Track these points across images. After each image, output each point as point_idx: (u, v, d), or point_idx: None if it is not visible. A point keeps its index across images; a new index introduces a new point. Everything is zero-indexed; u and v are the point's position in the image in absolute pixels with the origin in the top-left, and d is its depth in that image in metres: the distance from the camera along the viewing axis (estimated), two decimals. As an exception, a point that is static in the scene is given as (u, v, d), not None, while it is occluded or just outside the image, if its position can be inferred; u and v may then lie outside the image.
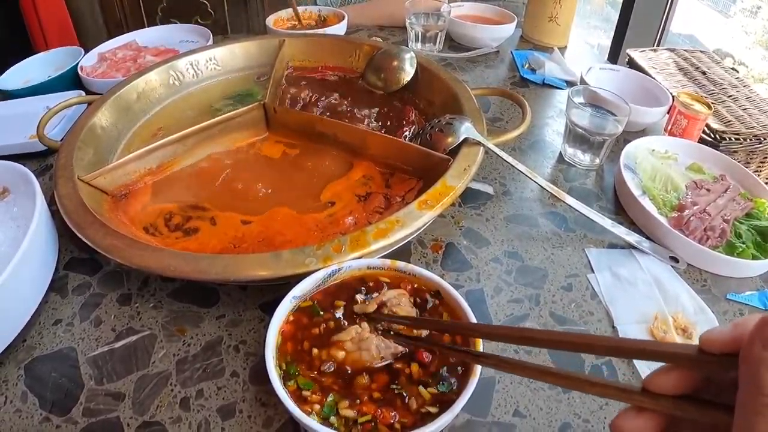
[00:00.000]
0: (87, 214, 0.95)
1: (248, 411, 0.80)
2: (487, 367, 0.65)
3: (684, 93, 1.40)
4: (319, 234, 1.03)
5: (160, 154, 1.17)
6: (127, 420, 0.78)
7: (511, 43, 1.96)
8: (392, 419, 0.69)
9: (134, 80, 1.36)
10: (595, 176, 1.30)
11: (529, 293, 1.00)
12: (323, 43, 1.56)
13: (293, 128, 1.29)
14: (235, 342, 0.89)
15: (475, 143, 1.12)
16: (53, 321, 0.92)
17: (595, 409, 0.82)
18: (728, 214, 1.13)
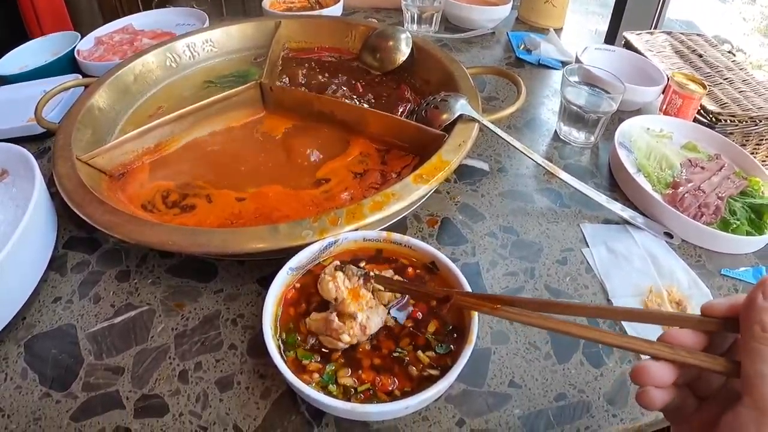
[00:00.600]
0: (86, 193, 0.96)
1: (246, 383, 0.80)
2: (503, 318, 0.66)
3: (679, 73, 1.40)
4: (315, 209, 1.04)
5: (157, 134, 1.17)
6: (127, 393, 0.79)
7: (507, 24, 1.96)
8: (391, 386, 0.70)
9: (132, 62, 1.37)
10: (590, 154, 1.31)
11: (524, 266, 1.00)
12: (319, 25, 1.57)
13: (290, 107, 1.30)
14: (233, 316, 0.89)
15: (470, 119, 1.12)
16: (53, 299, 0.93)
17: (590, 380, 0.83)
18: (723, 192, 1.14)
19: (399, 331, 0.77)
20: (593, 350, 0.87)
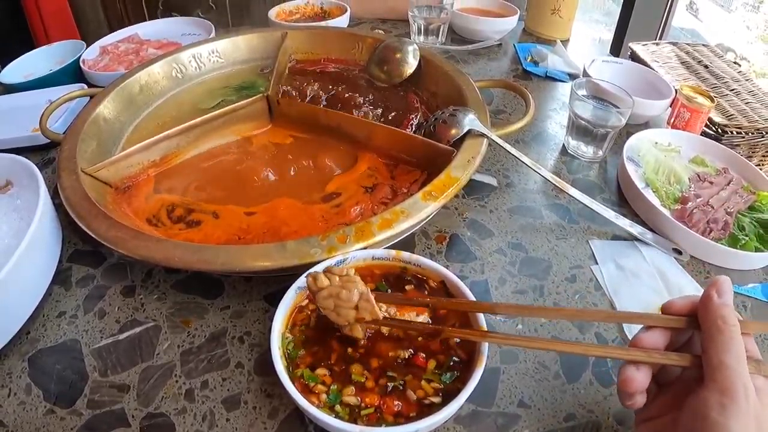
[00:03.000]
0: (91, 206, 0.95)
1: (253, 402, 0.80)
2: (492, 343, 0.70)
3: (686, 86, 1.40)
4: (325, 225, 1.03)
5: (163, 146, 1.17)
6: (132, 411, 0.78)
7: (514, 35, 1.96)
8: (397, 408, 0.70)
9: (137, 73, 1.36)
10: (598, 168, 1.30)
11: (533, 284, 1.00)
12: (326, 36, 1.56)
13: (297, 120, 1.29)
14: (240, 333, 0.89)
15: (478, 135, 1.12)
16: (57, 313, 0.93)
17: (600, 400, 0.82)
18: (731, 207, 1.14)
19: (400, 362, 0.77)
20: (602, 369, 0.86)
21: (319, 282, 0.74)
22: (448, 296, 0.82)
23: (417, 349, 0.77)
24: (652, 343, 0.66)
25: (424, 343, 0.77)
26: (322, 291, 0.74)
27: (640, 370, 0.65)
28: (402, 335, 0.78)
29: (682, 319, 0.66)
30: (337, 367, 0.75)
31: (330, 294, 0.74)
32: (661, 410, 0.67)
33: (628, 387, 0.64)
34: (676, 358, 0.64)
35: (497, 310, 0.75)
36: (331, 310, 0.74)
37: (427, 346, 0.77)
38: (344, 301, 0.73)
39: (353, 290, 0.74)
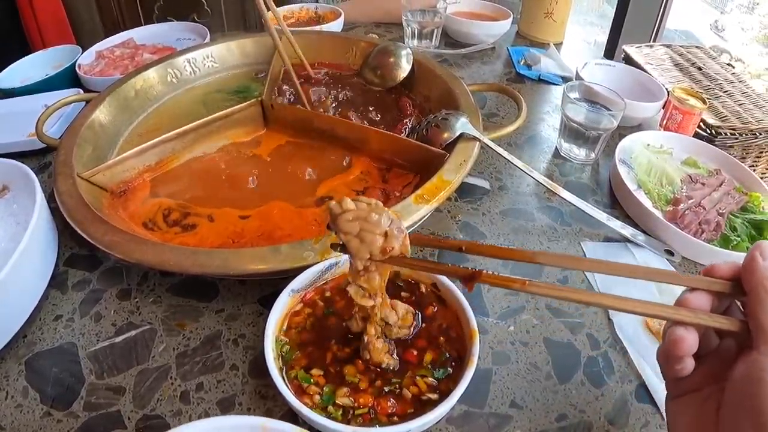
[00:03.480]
0: (87, 211, 0.96)
1: (248, 403, 0.80)
2: (531, 293, 0.62)
3: (679, 88, 1.41)
4: (318, 228, 1.04)
5: (158, 151, 1.18)
6: (128, 413, 0.79)
7: (507, 39, 1.97)
8: (391, 408, 0.70)
9: (132, 78, 1.37)
10: (591, 170, 1.31)
11: (525, 286, 1.00)
12: (320, 40, 1.57)
13: (291, 124, 1.30)
14: (235, 336, 0.90)
15: (471, 138, 1.13)
16: (54, 317, 0.93)
17: (591, 400, 0.83)
18: (723, 208, 1.14)
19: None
20: (594, 370, 0.87)
21: (345, 204, 0.69)
22: (439, 300, 0.83)
23: (409, 347, 0.78)
24: (698, 305, 0.60)
25: (416, 341, 0.78)
26: (346, 213, 0.68)
27: (689, 332, 0.59)
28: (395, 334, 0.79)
29: (726, 283, 0.61)
30: (332, 368, 0.75)
31: (357, 217, 0.68)
32: (698, 383, 0.63)
33: (680, 349, 0.58)
34: (724, 321, 0.59)
35: (537, 259, 0.66)
36: (354, 236, 0.68)
37: (418, 343, 0.78)
38: (373, 225, 0.67)
39: (383, 214, 0.68)
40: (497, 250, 0.69)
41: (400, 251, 0.68)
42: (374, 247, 0.67)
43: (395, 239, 0.68)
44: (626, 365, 0.88)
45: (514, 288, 0.62)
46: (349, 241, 0.68)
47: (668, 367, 0.62)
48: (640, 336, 0.93)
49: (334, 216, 0.68)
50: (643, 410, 0.82)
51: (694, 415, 0.62)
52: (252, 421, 0.59)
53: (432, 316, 0.81)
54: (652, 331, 0.93)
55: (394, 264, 0.71)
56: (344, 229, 0.68)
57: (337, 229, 0.69)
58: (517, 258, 0.68)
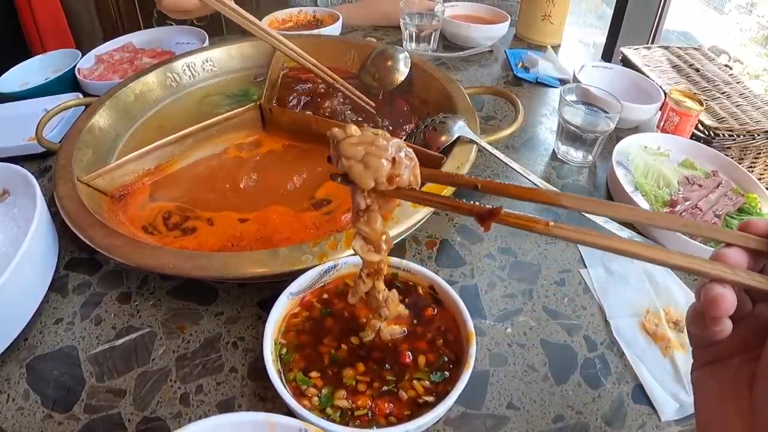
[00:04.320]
0: (87, 215, 0.96)
1: (247, 405, 0.81)
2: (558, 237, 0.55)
3: (676, 90, 1.41)
4: (316, 231, 1.04)
5: (158, 155, 1.19)
6: (128, 416, 0.80)
7: (505, 42, 1.97)
8: (388, 410, 0.71)
9: (131, 82, 1.38)
10: (588, 173, 1.32)
11: (522, 288, 1.01)
12: (318, 44, 1.57)
13: (289, 128, 1.31)
14: (234, 338, 0.90)
15: (468, 141, 1.13)
16: (54, 320, 0.94)
17: (588, 401, 0.84)
18: (720, 209, 1.15)
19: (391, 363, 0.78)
20: (591, 371, 0.88)
21: (349, 129, 0.64)
22: (436, 302, 0.84)
23: (406, 349, 0.78)
24: (735, 261, 0.52)
25: (413, 343, 0.79)
26: (350, 138, 0.63)
27: (728, 289, 0.51)
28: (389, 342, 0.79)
29: (763, 241, 0.54)
30: (330, 370, 0.76)
31: (361, 141, 0.63)
32: (728, 351, 0.57)
33: (719, 308, 0.51)
34: (762, 281, 0.51)
35: (561, 201, 0.57)
36: (358, 161, 0.62)
37: (416, 346, 0.79)
38: (379, 149, 0.62)
39: (392, 140, 0.63)
40: (517, 189, 0.61)
41: (408, 182, 0.64)
42: (380, 172, 0.62)
43: (404, 167, 0.63)
44: (623, 366, 0.89)
45: (537, 230, 0.55)
46: (351, 166, 0.62)
47: (703, 329, 0.54)
48: (636, 337, 0.93)
49: (337, 141, 0.64)
50: (639, 411, 0.83)
51: (723, 386, 0.57)
52: (257, 417, 0.60)
53: (430, 318, 0.82)
54: (649, 333, 0.94)
55: (400, 197, 0.66)
56: (347, 153, 0.62)
57: (339, 154, 0.63)
58: (541, 199, 0.60)
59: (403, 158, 0.63)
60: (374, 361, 0.77)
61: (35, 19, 2.65)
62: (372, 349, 0.78)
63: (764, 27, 5.12)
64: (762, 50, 5.00)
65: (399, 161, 0.62)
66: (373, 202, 0.67)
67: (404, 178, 0.63)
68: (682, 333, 0.94)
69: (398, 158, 0.62)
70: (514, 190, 0.61)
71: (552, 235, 0.54)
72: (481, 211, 0.59)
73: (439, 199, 0.63)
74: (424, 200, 0.64)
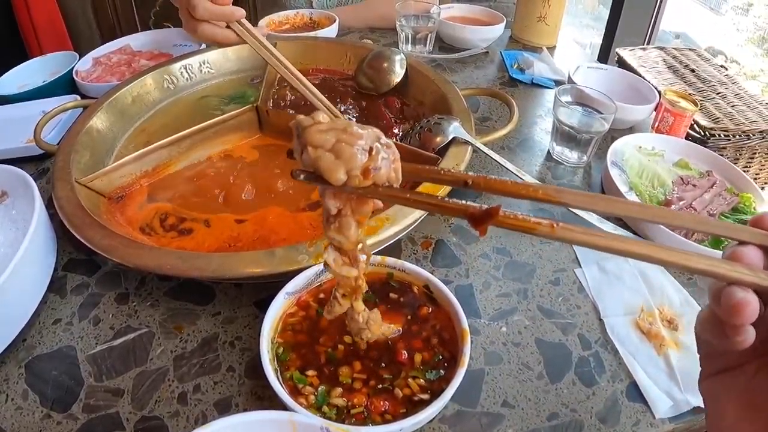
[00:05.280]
0: (85, 216, 0.97)
1: (244, 404, 0.82)
2: (563, 240, 0.48)
3: (670, 90, 1.41)
4: (313, 232, 1.05)
5: (155, 157, 1.19)
6: (127, 415, 0.80)
7: (501, 43, 1.97)
8: (384, 407, 0.72)
9: (129, 84, 1.38)
10: (583, 173, 1.32)
11: (517, 288, 1.02)
12: (315, 46, 1.57)
13: (286, 130, 1.28)
14: (231, 338, 0.91)
15: (463, 142, 1.14)
16: (53, 320, 0.94)
17: (582, 399, 0.84)
18: (714, 209, 1.15)
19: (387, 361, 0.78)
20: (585, 369, 0.88)
21: (317, 116, 0.56)
22: (431, 301, 0.85)
23: (401, 348, 0.79)
24: (753, 260, 0.48)
25: (408, 342, 0.80)
26: (318, 124, 0.55)
27: (750, 294, 0.45)
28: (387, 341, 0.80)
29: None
30: (326, 368, 0.77)
31: (332, 128, 0.55)
32: (740, 358, 0.52)
33: (743, 315, 0.45)
34: None
35: (562, 198, 0.50)
36: (328, 149, 0.54)
37: (411, 345, 0.79)
38: (353, 136, 0.54)
39: (368, 129, 0.56)
40: (514, 186, 0.52)
41: (387, 179, 0.55)
42: (353, 163, 0.53)
43: (381, 158, 0.54)
44: (617, 365, 0.89)
45: (540, 233, 0.47)
46: (319, 157, 0.53)
47: (721, 338, 0.48)
48: (630, 336, 0.94)
49: (302, 129, 0.55)
50: (633, 409, 0.83)
51: (738, 396, 0.52)
52: (280, 417, 0.60)
53: (425, 317, 0.83)
54: (643, 331, 0.94)
55: (378, 196, 0.57)
56: (315, 141, 0.54)
57: (305, 143, 0.54)
58: (539, 198, 0.52)
59: (381, 149, 0.55)
60: (370, 359, 0.78)
61: (33, 21, 2.65)
62: (368, 347, 0.79)
63: (760, 27, 5.13)
64: (758, 50, 5.01)
65: (376, 152, 0.54)
66: (345, 206, 0.59)
67: (382, 173, 0.54)
68: (676, 331, 0.95)
69: (375, 148, 0.54)
70: (511, 187, 0.53)
71: (558, 239, 0.48)
72: (475, 212, 0.50)
73: (424, 199, 0.54)
74: (407, 200, 0.56)
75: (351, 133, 0.54)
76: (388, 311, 0.83)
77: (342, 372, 0.76)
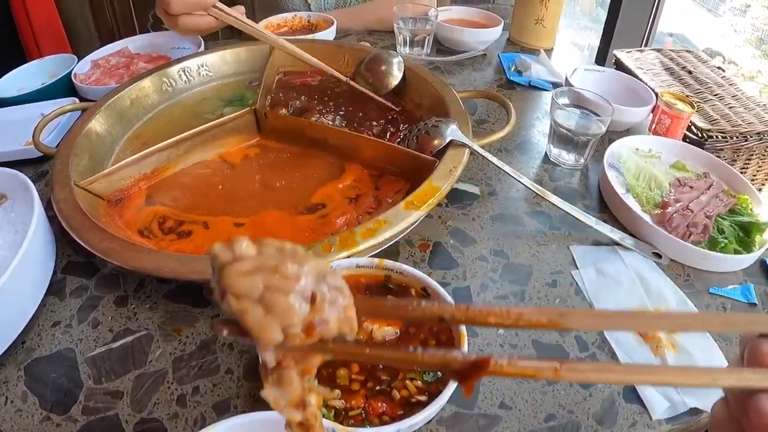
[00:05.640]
0: (84, 219, 0.97)
1: (242, 406, 0.82)
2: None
3: (667, 92, 1.41)
4: (311, 235, 1.05)
5: (154, 159, 1.19)
6: (126, 417, 0.80)
7: (498, 46, 1.97)
8: (381, 409, 0.72)
9: (127, 87, 1.38)
10: (580, 175, 1.32)
11: (514, 290, 1.02)
12: (313, 48, 1.55)
13: (284, 133, 1.31)
14: (229, 340, 0.91)
15: (460, 145, 1.14)
16: (52, 323, 0.94)
17: (579, 400, 0.84)
18: (711, 211, 1.15)
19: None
20: (582, 371, 0.88)
21: (238, 247, 0.42)
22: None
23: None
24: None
25: (406, 344, 0.79)
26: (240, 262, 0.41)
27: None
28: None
29: None
30: (323, 371, 0.76)
31: (259, 267, 0.41)
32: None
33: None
34: None
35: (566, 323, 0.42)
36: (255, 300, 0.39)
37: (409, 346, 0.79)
38: (288, 280, 0.40)
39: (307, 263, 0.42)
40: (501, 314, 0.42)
41: (338, 330, 0.42)
42: (291, 319, 0.40)
43: (330, 307, 0.42)
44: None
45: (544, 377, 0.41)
46: (245, 311, 0.39)
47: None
48: (627, 337, 0.94)
49: (219, 267, 0.41)
50: (630, 410, 0.83)
51: None
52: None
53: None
54: (640, 333, 0.94)
55: (327, 353, 0.44)
56: (236, 289, 0.39)
57: (224, 288, 0.40)
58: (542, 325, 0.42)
59: (327, 293, 0.42)
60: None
61: (31, 23, 2.65)
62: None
63: (758, 29, 5.13)
64: (756, 52, 5.02)
65: (321, 298, 0.41)
66: (286, 356, 0.45)
67: (331, 326, 0.42)
68: (673, 333, 0.94)
69: (320, 294, 0.41)
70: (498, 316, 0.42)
71: (564, 380, 0.42)
72: (459, 367, 0.41)
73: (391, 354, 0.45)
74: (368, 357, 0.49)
75: (284, 275, 0.40)
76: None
77: (340, 374, 0.76)
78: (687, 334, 0.94)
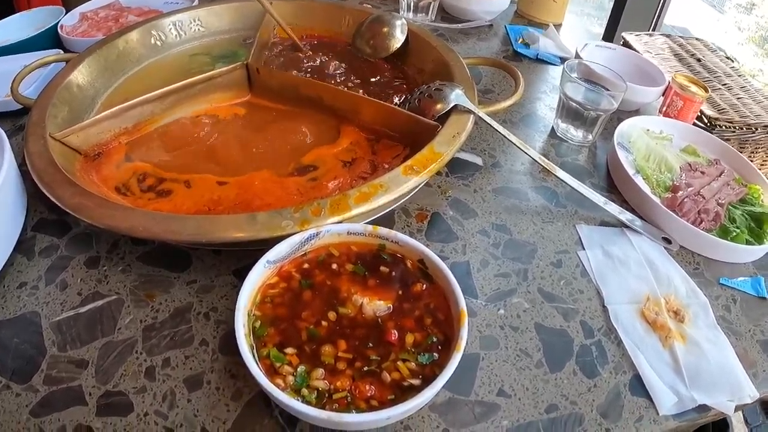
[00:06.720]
0: (56, 173, 0.91)
1: (216, 382, 0.77)
2: None
3: (681, 75, 1.38)
4: (300, 199, 0.99)
5: (137, 113, 1.13)
6: (89, 389, 0.75)
7: (505, 17, 1.93)
8: (369, 393, 0.66)
9: (115, 39, 1.32)
10: (588, 153, 1.28)
11: (516, 268, 0.97)
12: (312, 8, 1.52)
13: (277, 90, 1.26)
14: (206, 309, 0.85)
15: (465, 111, 1.09)
16: (18, 284, 0.89)
17: (583, 391, 0.80)
18: (722, 198, 1.13)
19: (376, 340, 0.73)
20: (587, 359, 0.84)
21: None
22: (425, 277, 0.79)
23: (391, 327, 0.74)
24: None
25: (399, 321, 0.74)
26: None
27: None
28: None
29: None
30: (307, 347, 0.71)
31: None
32: None
33: None
34: None
35: None
36: None
37: (402, 324, 0.74)
38: None
39: None
40: None
41: None
42: None
43: None
44: (620, 355, 0.85)
45: None
46: None
47: None
48: (635, 325, 0.90)
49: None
50: (637, 403, 0.80)
51: None
52: None
53: (418, 294, 0.77)
54: (648, 321, 0.91)
55: None
56: None
57: None
58: None
59: None
60: (356, 338, 0.72)
61: (21, -25, 2.59)
62: (354, 325, 0.73)
63: (762, 27, 5.15)
64: (759, 50, 5.04)
65: None
66: None
67: None
68: (682, 323, 0.91)
69: None
70: None
71: None
72: None
73: None
74: None
75: None
76: (378, 286, 0.78)
77: (325, 351, 0.71)
78: (697, 326, 0.92)
